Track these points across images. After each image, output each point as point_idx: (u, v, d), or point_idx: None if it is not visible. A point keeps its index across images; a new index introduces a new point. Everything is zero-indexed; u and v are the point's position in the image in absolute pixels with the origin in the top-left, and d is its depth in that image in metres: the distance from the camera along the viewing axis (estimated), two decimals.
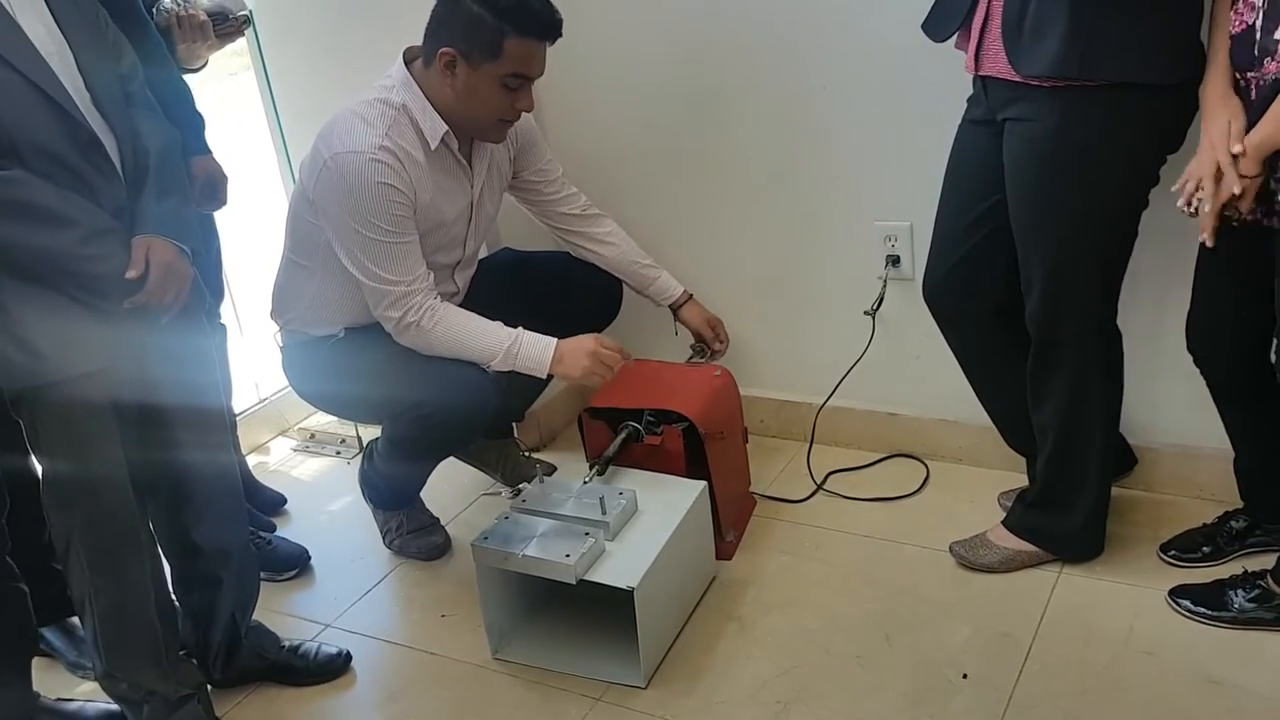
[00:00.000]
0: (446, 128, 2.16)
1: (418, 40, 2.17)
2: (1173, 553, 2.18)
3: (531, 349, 2.18)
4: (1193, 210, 1.80)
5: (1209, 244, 1.81)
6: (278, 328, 2.40)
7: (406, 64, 2.18)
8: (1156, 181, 1.95)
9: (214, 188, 2.26)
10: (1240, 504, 2.16)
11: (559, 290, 2.46)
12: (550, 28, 2.11)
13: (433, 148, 2.16)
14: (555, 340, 2.19)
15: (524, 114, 2.23)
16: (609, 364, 2.22)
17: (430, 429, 2.24)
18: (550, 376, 2.25)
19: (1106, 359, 2.08)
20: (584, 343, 2.20)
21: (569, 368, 2.20)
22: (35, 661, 2.01)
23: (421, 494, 2.54)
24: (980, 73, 1.96)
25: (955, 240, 2.13)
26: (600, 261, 2.51)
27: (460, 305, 2.37)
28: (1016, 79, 1.87)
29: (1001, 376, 2.23)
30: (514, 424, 2.75)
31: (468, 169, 2.26)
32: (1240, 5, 1.75)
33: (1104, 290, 2.02)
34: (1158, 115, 1.85)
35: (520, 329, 2.20)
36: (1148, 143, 1.88)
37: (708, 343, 2.55)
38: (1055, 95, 1.84)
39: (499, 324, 2.21)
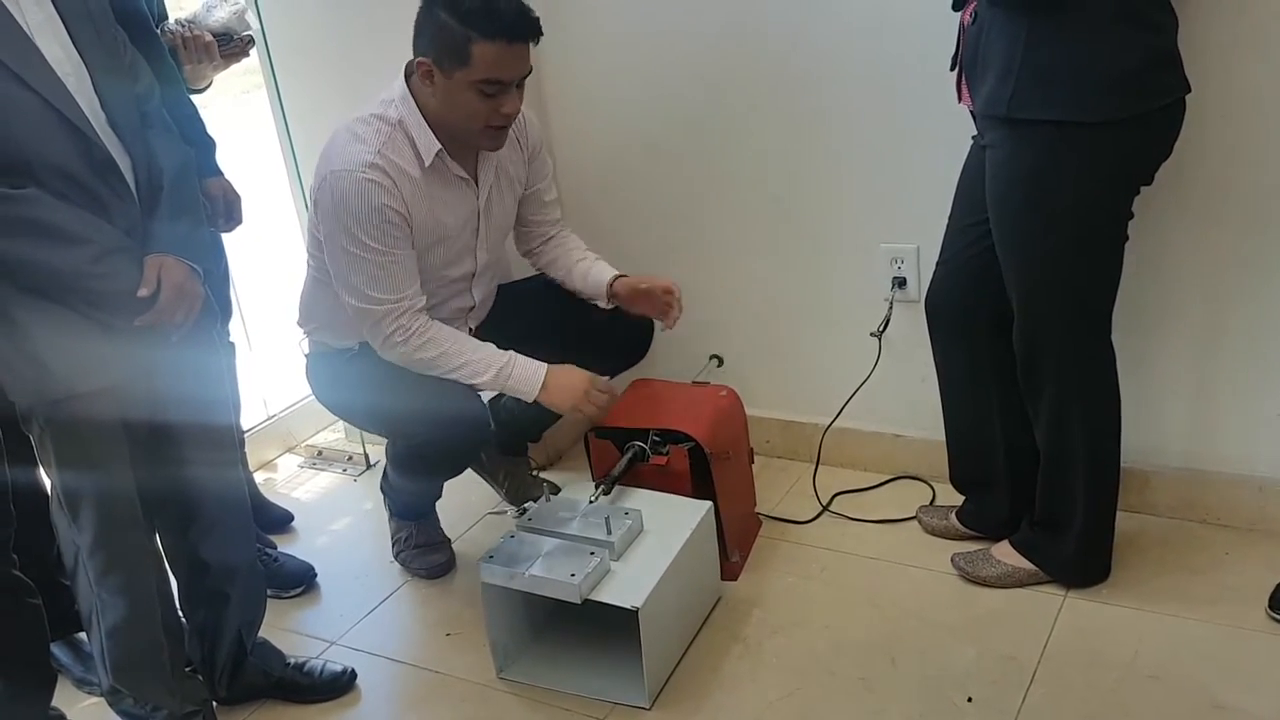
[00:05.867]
0: (440, 146, 2.14)
1: None
2: None
3: (522, 372, 2.18)
4: None
5: None
6: (303, 335, 2.42)
7: (406, 78, 2.17)
8: (1125, 210, 1.97)
9: (230, 208, 2.28)
10: None
11: (591, 323, 2.41)
12: (516, 28, 2.02)
13: (426, 164, 2.15)
14: (546, 367, 2.19)
15: (540, 143, 2.30)
16: (597, 405, 2.21)
17: (422, 457, 2.30)
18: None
19: (1087, 382, 2.07)
20: (575, 379, 2.20)
21: (556, 398, 2.19)
22: None
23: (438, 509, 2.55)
24: (962, 103, 2.04)
25: (957, 250, 2.17)
26: (552, 270, 2.47)
27: (486, 323, 2.40)
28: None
29: (970, 399, 2.25)
30: (529, 444, 2.75)
31: (470, 180, 2.25)
32: None
33: (1080, 314, 2.02)
34: (1101, 149, 1.87)
35: (512, 352, 2.20)
36: (1096, 174, 1.90)
37: (659, 300, 2.36)
38: (1008, 125, 1.92)
39: (490, 345, 2.21)
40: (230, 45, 2.29)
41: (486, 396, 2.26)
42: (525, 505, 2.25)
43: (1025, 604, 2.18)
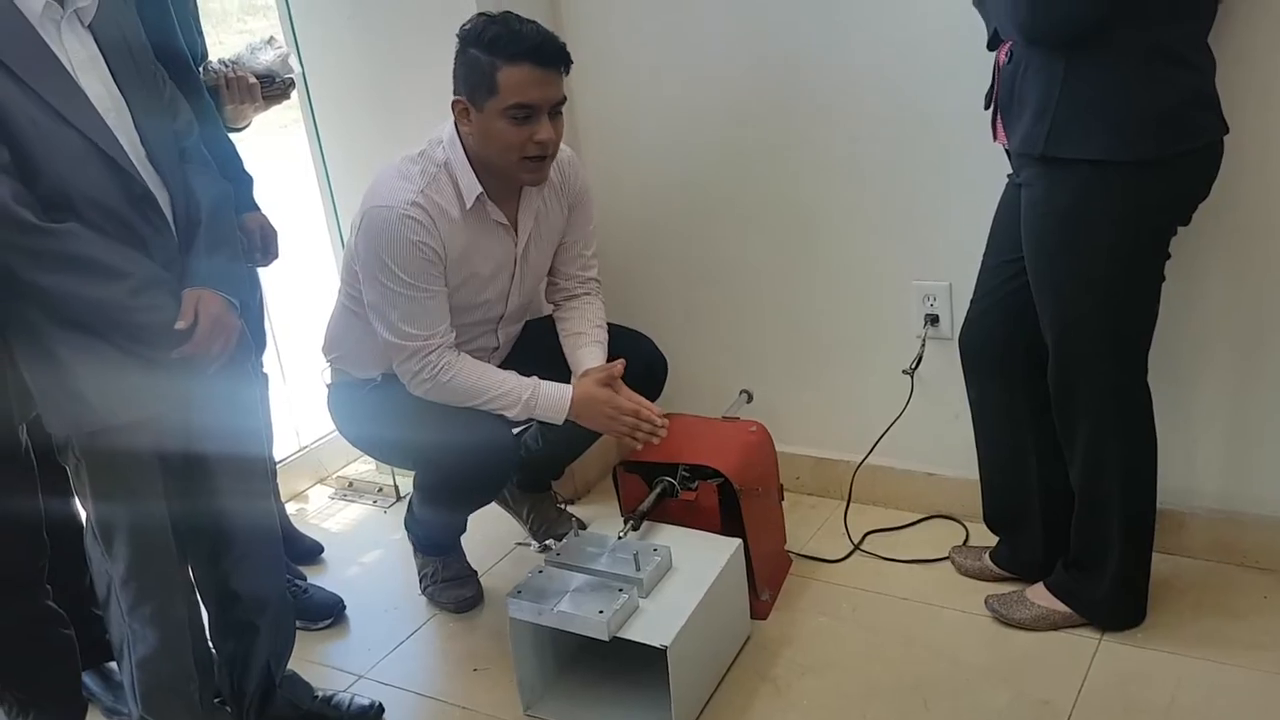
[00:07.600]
0: (481, 189, 2.18)
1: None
2: None
3: (548, 399, 2.21)
4: None
5: None
6: (326, 364, 2.45)
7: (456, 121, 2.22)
8: (1161, 250, 1.96)
9: (267, 242, 2.31)
10: None
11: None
12: (540, 51, 2.06)
13: (468, 206, 2.18)
14: (571, 388, 2.23)
15: (584, 192, 2.32)
16: (627, 413, 2.21)
17: (448, 485, 2.31)
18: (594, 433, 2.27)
19: (1123, 422, 2.05)
20: (603, 394, 2.21)
21: (585, 416, 2.22)
22: None
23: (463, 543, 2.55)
24: (997, 141, 2.04)
25: (991, 289, 2.16)
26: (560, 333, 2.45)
27: (505, 361, 2.40)
28: None
29: (1005, 439, 2.23)
30: (552, 480, 2.74)
31: (509, 227, 2.27)
32: None
33: (1115, 353, 2.00)
34: (1138, 189, 1.86)
35: (536, 378, 2.23)
36: (1133, 214, 1.89)
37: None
38: (1044, 164, 1.91)
39: (513, 374, 2.24)
40: (273, 87, 2.33)
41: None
42: (546, 542, 2.24)
43: (1060, 647, 2.15)
